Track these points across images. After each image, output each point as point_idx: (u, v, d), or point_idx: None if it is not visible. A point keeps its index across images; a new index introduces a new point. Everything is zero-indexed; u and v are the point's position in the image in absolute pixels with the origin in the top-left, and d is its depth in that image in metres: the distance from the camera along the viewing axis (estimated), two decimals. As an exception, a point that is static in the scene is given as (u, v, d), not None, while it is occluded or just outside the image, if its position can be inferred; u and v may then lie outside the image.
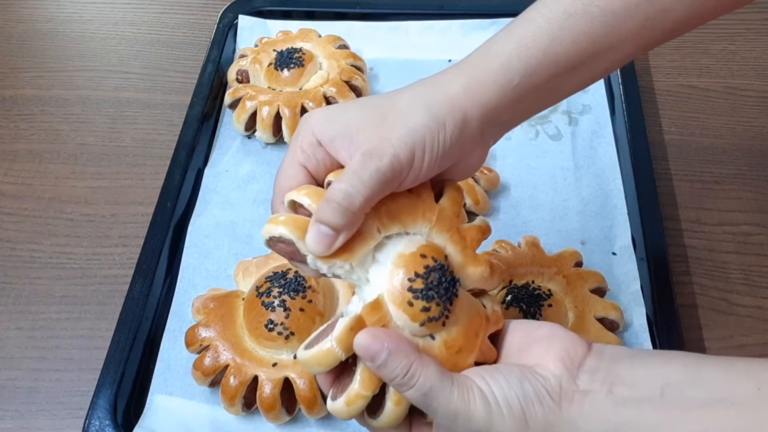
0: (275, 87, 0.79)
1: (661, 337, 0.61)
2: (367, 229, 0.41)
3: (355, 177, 0.40)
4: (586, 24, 0.43)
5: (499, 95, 0.43)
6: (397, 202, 0.43)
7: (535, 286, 0.61)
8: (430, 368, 0.39)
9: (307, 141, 0.43)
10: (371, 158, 0.40)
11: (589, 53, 0.44)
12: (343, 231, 0.40)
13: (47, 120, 0.84)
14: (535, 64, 0.43)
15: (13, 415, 0.61)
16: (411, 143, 0.41)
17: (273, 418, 0.57)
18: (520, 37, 0.43)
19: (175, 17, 0.96)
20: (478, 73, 0.43)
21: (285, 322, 0.57)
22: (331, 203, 0.39)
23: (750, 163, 0.77)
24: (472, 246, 0.45)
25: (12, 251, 0.72)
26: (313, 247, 0.40)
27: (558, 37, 0.43)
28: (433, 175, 0.43)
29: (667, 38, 0.46)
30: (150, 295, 0.64)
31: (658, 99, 0.84)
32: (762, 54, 0.88)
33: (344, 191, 0.39)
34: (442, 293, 0.41)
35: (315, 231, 0.40)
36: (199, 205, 0.73)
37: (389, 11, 0.89)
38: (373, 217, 0.42)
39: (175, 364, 0.61)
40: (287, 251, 0.42)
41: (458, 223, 0.45)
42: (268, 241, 0.42)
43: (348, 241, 0.40)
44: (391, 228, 0.42)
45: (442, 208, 0.44)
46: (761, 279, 0.68)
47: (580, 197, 0.73)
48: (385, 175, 0.40)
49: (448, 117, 0.42)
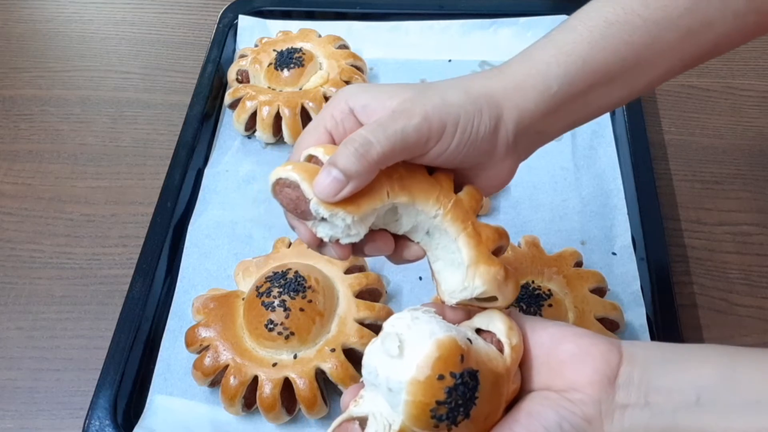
0: (275, 87, 0.79)
1: (661, 337, 0.61)
2: (377, 189, 0.40)
3: (380, 129, 0.39)
4: (627, 33, 0.42)
5: (536, 102, 0.43)
6: (415, 176, 0.42)
7: (535, 286, 0.61)
8: None
9: (339, 108, 0.42)
10: (401, 116, 0.39)
11: (629, 64, 0.43)
12: (354, 179, 0.38)
13: (47, 120, 0.84)
14: (574, 72, 0.43)
15: (13, 415, 0.61)
16: (445, 114, 0.40)
17: (273, 418, 0.57)
18: (561, 44, 0.43)
19: (175, 17, 0.96)
20: (516, 77, 0.43)
21: (285, 322, 0.57)
22: (348, 147, 0.38)
23: (750, 163, 0.77)
24: (487, 244, 0.42)
25: (12, 251, 0.72)
26: (319, 190, 0.38)
27: (599, 45, 0.42)
28: (460, 161, 0.42)
29: (710, 54, 0.45)
30: (150, 295, 0.64)
31: (658, 99, 0.84)
32: (762, 54, 0.88)
33: (364, 138, 0.38)
34: (468, 404, 0.38)
35: (325, 174, 0.38)
36: (199, 205, 0.73)
37: (389, 11, 0.89)
38: (386, 180, 0.40)
39: (175, 364, 0.61)
40: (292, 198, 0.40)
41: (474, 218, 0.43)
42: (275, 185, 0.40)
43: (355, 196, 0.39)
44: (400, 196, 0.41)
45: (458, 198, 0.43)
46: (761, 279, 0.68)
47: (580, 197, 0.73)
48: (410, 135, 0.39)
49: (485, 106, 0.42)
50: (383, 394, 0.39)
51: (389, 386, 0.38)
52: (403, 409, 0.37)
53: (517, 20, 0.87)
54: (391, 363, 0.38)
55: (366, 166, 0.38)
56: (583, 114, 0.46)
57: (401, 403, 0.37)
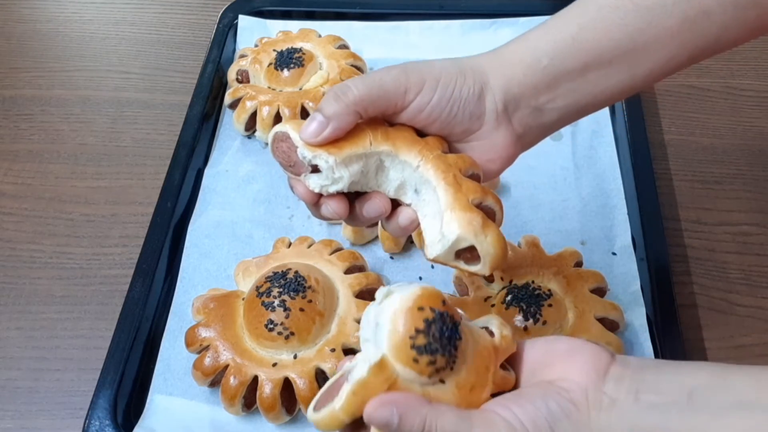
0: (275, 87, 0.79)
1: (661, 337, 0.61)
2: (360, 136, 0.44)
3: (359, 78, 0.44)
4: (618, 16, 0.44)
5: (525, 73, 0.45)
6: (399, 130, 0.45)
7: (535, 286, 0.61)
8: (446, 415, 0.38)
9: None
10: (380, 71, 0.44)
11: (624, 47, 0.44)
12: (333, 120, 0.42)
13: (47, 120, 0.84)
14: (563, 48, 0.45)
15: (13, 415, 0.61)
16: (426, 71, 0.44)
17: (273, 418, 0.57)
18: (551, 27, 0.46)
19: (175, 17, 0.96)
20: (505, 54, 0.46)
21: (285, 322, 0.57)
22: (329, 93, 0.43)
23: (750, 163, 0.77)
24: (467, 194, 0.43)
25: (12, 251, 0.72)
26: (304, 132, 0.43)
27: (588, 25, 0.44)
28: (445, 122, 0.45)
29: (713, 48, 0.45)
30: (150, 295, 0.64)
31: (658, 99, 0.84)
32: (762, 54, 0.88)
33: (344, 84, 0.43)
34: (446, 343, 0.39)
35: (310, 119, 0.43)
36: (199, 205, 0.73)
37: (389, 11, 0.89)
38: (369, 129, 0.44)
39: (175, 364, 0.61)
40: (285, 150, 0.44)
41: (456, 171, 0.44)
42: (273, 139, 0.45)
43: (338, 140, 0.43)
44: (382, 145, 0.44)
45: (443, 154, 0.45)
46: (761, 279, 0.68)
47: (580, 197, 0.73)
48: (387, 82, 0.43)
49: (468, 73, 0.45)
50: (371, 336, 0.40)
51: (377, 321, 0.39)
52: (386, 338, 0.39)
53: (517, 20, 0.87)
54: (379, 307, 0.40)
55: (343, 107, 0.42)
56: (585, 95, 0.47)
57: (384, 334, 0.39)
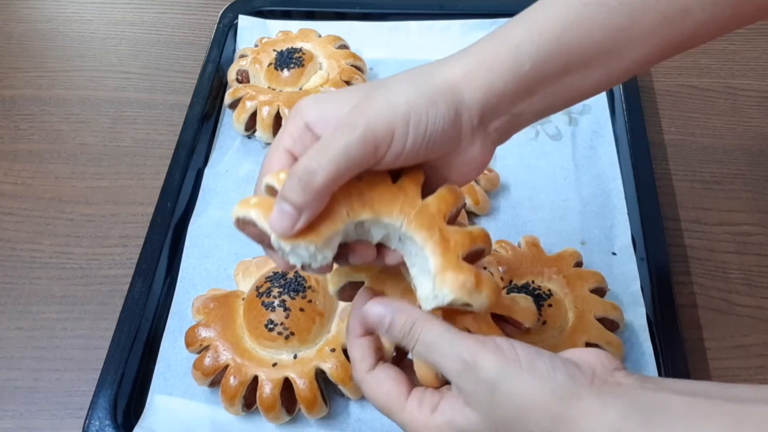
0: (275, 87, 0.79)
1: (660, 337, 0.61)
2: (336, 211, 0.39)
3: (321, 152, 0.37)
4: (602, 15, 0.41)
5: (506, 80, 0.41)
6: (375, 188, 0.40)
7: (535, 286, 0.61)
8: (434, 323, 0.39)
9: (296, 125, 0.41)
10: (342, 132, 0.38)
11: (605, 48, 0.42)
12: (305, 210, 0.37)
13: (47, 120, 0.84)
14: (547, 50, 0.41)
15: (13, 415, 0.61)
16: (391, 117, 0.38)
17: (273, 418, 0.57)
18: (534, 23, 0.42)
19: (175, 17, 0.96)
20: (485, 56, 0.41)
21: (285, 322, 0.57)
22: (293, 179, 0.37)
23: (750, 163, 0.77)
24: (455, 250, 0.40)
25: (12, 251, 0.72)
26: (275, 226, 0.38)
27: (573, 24, 0.41)
28: (422, 158, 0.41)
29: (688, 44, 0.44)
30: (150, 295, 0.64)
31: (658, 99, 0.84)
32: (762, 54, 0.88)
33: (306, 166, 0.37)
34: None
35: (277, 210, 0.38)
36: (199, 205, 0.73)
37: (389, 11, 0.89)
38: (343, 199, 0.39)
39: (175, 364, 0.61)
40: (255, 233, 0.40)
41: (442, 224, 0.41)
42: (236, 222, 0.41)
43: (314, 222, 0.38)
44: (361, 214, 0.40)
45: (425, 204, 0.41)
46: (761, 279, 0.68)
47: (580, 197, 0.73)
48: (355, 149, 0.37)
49: (440, 97, 0.40)
50: None
51: None
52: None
53: (517, 20, 0.87)
54: None
55: (313, 195, 0.37)
56: (562, 97, 0.44)
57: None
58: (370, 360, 0.43)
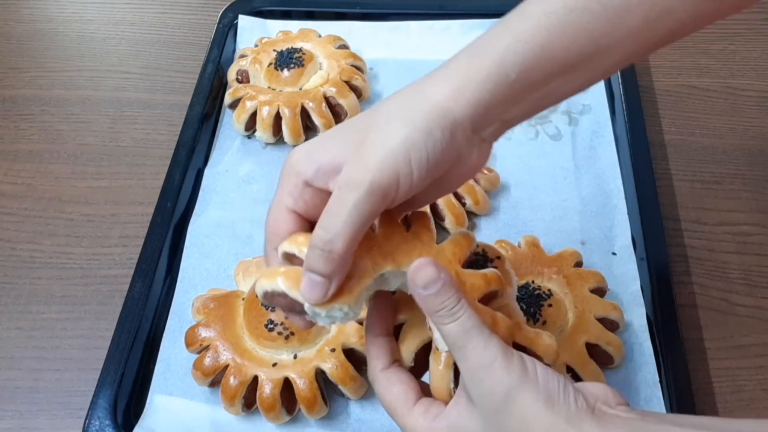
0: (275, 87, 0.79)
1: (660, 337, 0.61)
2: (361, 267, 0.40)
3: (333, 218, 0.38)
4: (586, 20, 0.41)
5: (493, 92, 0.41)
6: (392, 239, 0.42)
7: (535, 286, 0.61)
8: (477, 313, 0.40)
9: (292, 183, 0.42)
10: (348, 191, 0.38)
11: (588, 52, 0.42)
12: (334, 276, 0.39)
13: (47, 120, 0.84)
14: (532, 59, 0.41)
15: (13, 415, 0.61)
16: (393, 163, 0.39)
17: (273, 418, 0.57)
18: (517, 32, 0.41)
19: (175, 17, 0.96)
20: (469, 71, 0.41)
21: (285, 322, 0.57)
22: (314, 252, 0.38)
23: (750, 163, 0.77)
24: (471, 293, 0.42)
25: (12, 251, 0.72)
26: (308, 296, 0.39)
27: (557, 31, 0.41)
28: (430, 181, 0.41)
29: (668, 41, 0.44)
30: (150, 295, 0.64)
31: (658, 99, 0.84)
32: (762, 54, 0.88)
33: (323, 238, 0.38)
34: None
35: (307, 280, 0.39)
36: (199, 205, 0.73)
37: (389, 11, 0.89)
38: (366, 255, 0.41)
39: (175, 364, 0.61)
40: (285, 303, 0.41)
41: (458, 268, 0.43)
42: (264, 296, 0.41)
43: (343, 283, 0.40)
44: (384, 266, 0.41)
45: (440, 249, 0.43)
46: (761, 279, 0.68)
47: (580, 197, 0.73)
48: (365, 206, 0.38)
49: (434, 124, 0.40)
50: None
51: None
52: None
53: (517, 20, 0.87)
54: None
55: (339, 261, 0.38)
56: (546, 101, 0.44)
57: None
58: (386, 359, 0.44)
